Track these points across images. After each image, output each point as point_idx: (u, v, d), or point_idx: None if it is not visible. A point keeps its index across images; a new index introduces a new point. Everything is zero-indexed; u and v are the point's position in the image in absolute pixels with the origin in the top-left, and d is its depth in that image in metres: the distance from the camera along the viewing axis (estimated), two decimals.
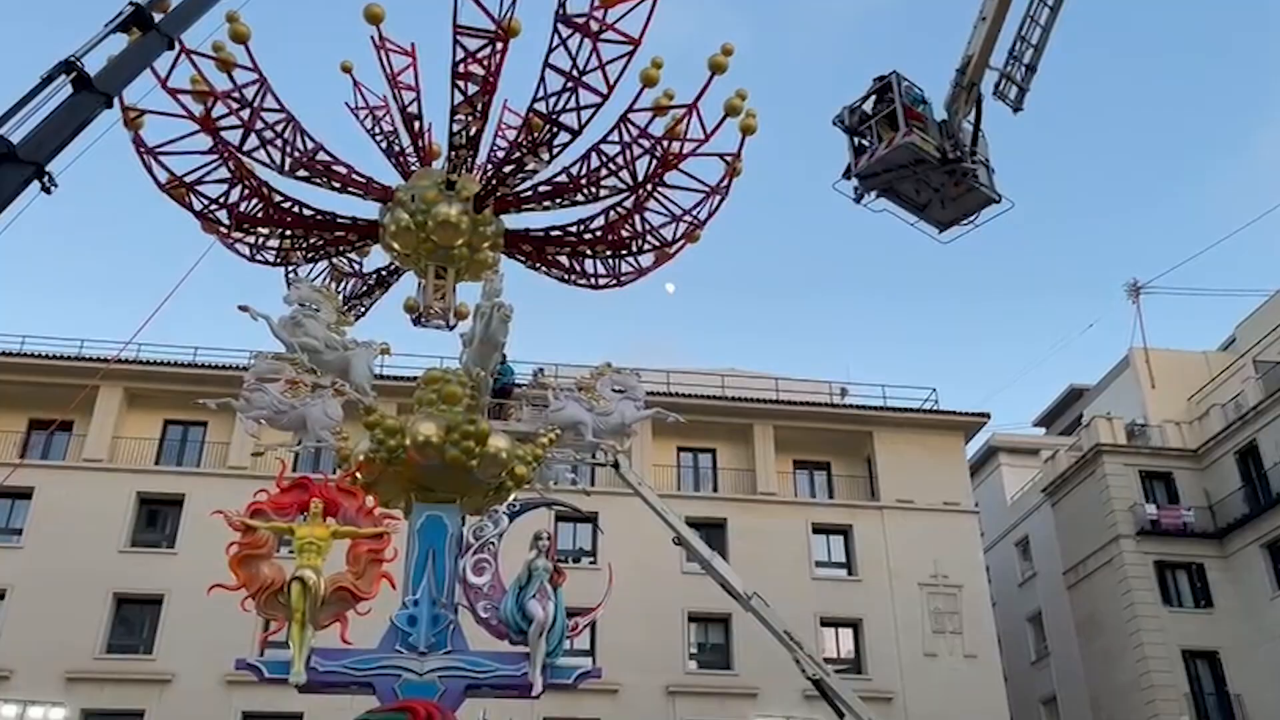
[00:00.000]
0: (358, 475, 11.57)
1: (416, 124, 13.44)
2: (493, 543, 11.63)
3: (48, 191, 10.69)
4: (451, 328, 13.35)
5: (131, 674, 28.77)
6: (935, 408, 36.51)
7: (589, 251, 13.86)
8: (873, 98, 19.26)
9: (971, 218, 19.69)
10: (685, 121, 12.68)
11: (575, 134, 12.43)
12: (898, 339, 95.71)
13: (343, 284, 14.41)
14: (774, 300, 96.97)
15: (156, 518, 31.68)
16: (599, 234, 13.68)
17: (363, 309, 14.46)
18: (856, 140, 19.21)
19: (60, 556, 29.14)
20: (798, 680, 22.23)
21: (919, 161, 18.47)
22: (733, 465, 35.12)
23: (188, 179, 13.19)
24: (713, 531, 30.92)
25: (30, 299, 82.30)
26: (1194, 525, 35.45)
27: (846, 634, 32.96)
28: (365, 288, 14.59)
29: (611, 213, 13.58)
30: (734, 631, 30.94)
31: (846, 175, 19.40)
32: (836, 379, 39.39)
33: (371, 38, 13.11)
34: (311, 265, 14.38)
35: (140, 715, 28.27)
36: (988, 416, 36.78)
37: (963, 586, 33.28)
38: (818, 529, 34.16)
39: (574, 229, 13.72)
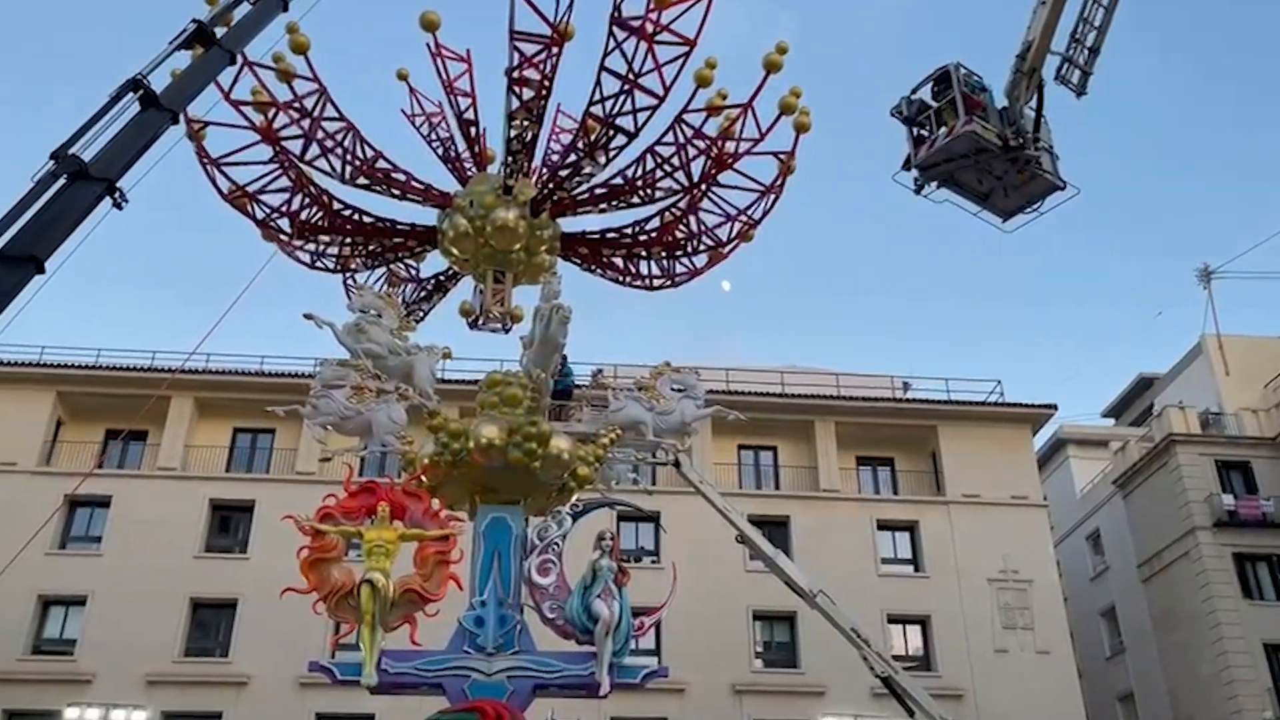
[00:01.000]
0: (423, 478, 11.71)
1: (472, 129, 13.58)
2: (557, 543, 11.70)
3: (119, 207, 10.99)
4: (508, 331, 13.47)
5: (209, 677, 29.40)
6: (1001, 400, 35.92)
7: (644, 253, 13.90)
8: (932, 87, 19.01)
9: (1035, 205, 19.34)
10: (740, 121, 12.64)
11: (632, 136, 12.46)
12: (961, 331, 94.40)
13: (400, 289, 14.60)
14: (833, 296, 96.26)
15: (228, 523, 32.35)
16: (654, 235, 13.70)
17: (421, 314, 14.63)
18: (916, 130, 18.97)
19: (138, 563, 29.90)
20: (866, 678, 22.02)
21: (980, 150, 18.18)
22: (794, 462, 34.88)
23: (250, 188, 13.45)
24: (775, 529, 30.73)
25: (104, 312, 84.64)
26: (1274, 515, 34.43)
27: (914, 631, 32.56)
28: (424, 293, 14.76)
29: (666, 214, 13.60)
30: (800, 629, 30.73)
31: (906, 166, 19.16)
32: (899, 373, 38.94)
33: (427, 45, 13.27)
34: (370, 271, 14.59)
35: (218, 717, 28.88)
36: (1055, 408, 36.09)
37: (1033, 581, 32.69)
38: (883, 525, 33.78)
39: (629, 230, 13.76)
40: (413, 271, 14.85)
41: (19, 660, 28.88)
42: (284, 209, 13.62)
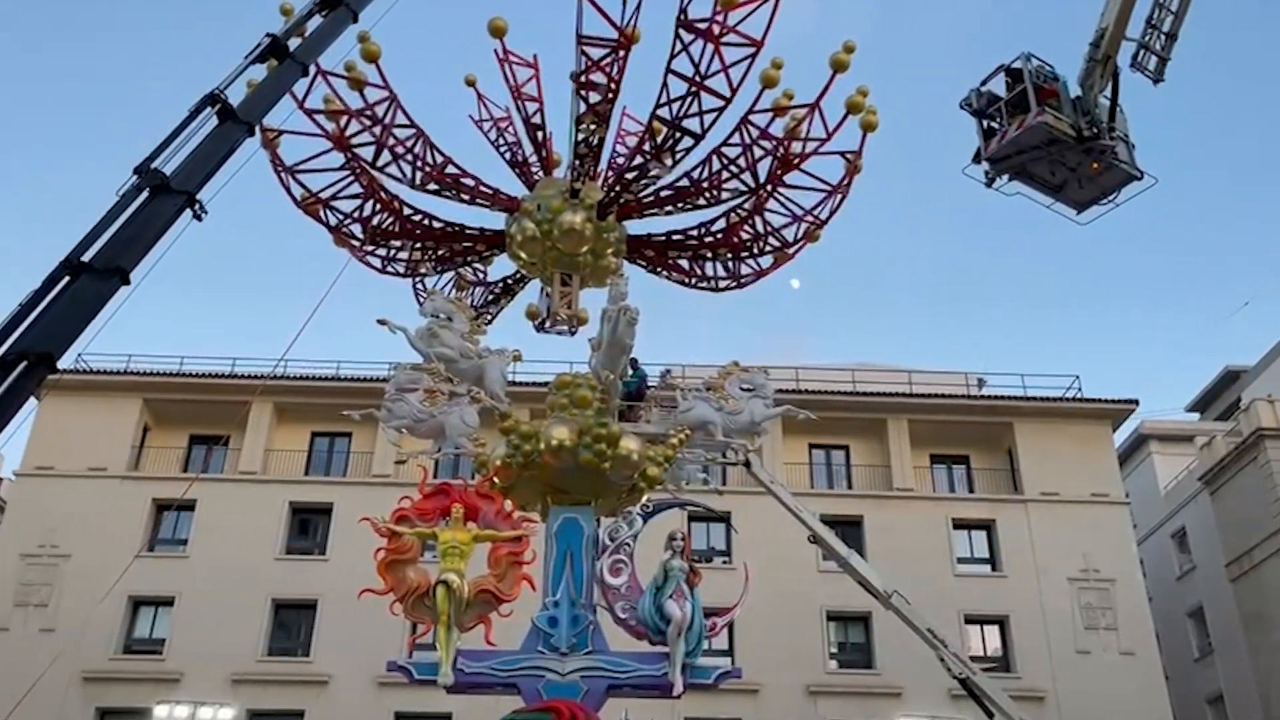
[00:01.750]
0: (495, 480, 11.84)
1: (539, 134, 13.70)
2: (628, 544, 11.73)
3: (199, 218, 11.34)
4: (574, 333, 13.57)
5: (291, 676, 30.06)
6: (1079, 396, 35.13)
7: (709, 254, 13.89)
8: (1002, 78, 18.66)
9: (1111, 196, 18.85)
10: (807, 121, 12.58)
11: (698, 138, 12.47)
12: (1037, 327, 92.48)
13: (468, 293, 14.78)
14: (905, 293, 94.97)
15: (308, 526, 33.04)
16: (719, 236, 13.69)
17: (490, 317, 14.80)
18: (986, 123, 18.64)
19: (222, 564, 30.69)
20: (943, 679, 21.67)
21: (1053, 141, 17.78)
22: (867, 461, 34.52)
23: (323, 195, 13.74)
24: (848, 529, 30.45)
25: (187, 321, 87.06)
26: None
27: (993, 631, 32.00)
28: (492, 296, 14.93)
29: (732, 215, 13.58)
30: (875, 630, 30.41)
31: (976, 159, 18.83)
32: (973, 370, 38.30)
33: (495, 51, 13.43)
34: (439, 275, 14.80)
35: (301, 715, 29.51)
36: (1136, 403, 35.18)
37: (1115, 581, 31.92)
38: (958, 524, 33.27)
39: (695, 232, 13.77)
40: (480, 275, 15.04)
41: (111, 659, 29.84)
42: (356, 215, 13.89)
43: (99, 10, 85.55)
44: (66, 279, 10.23)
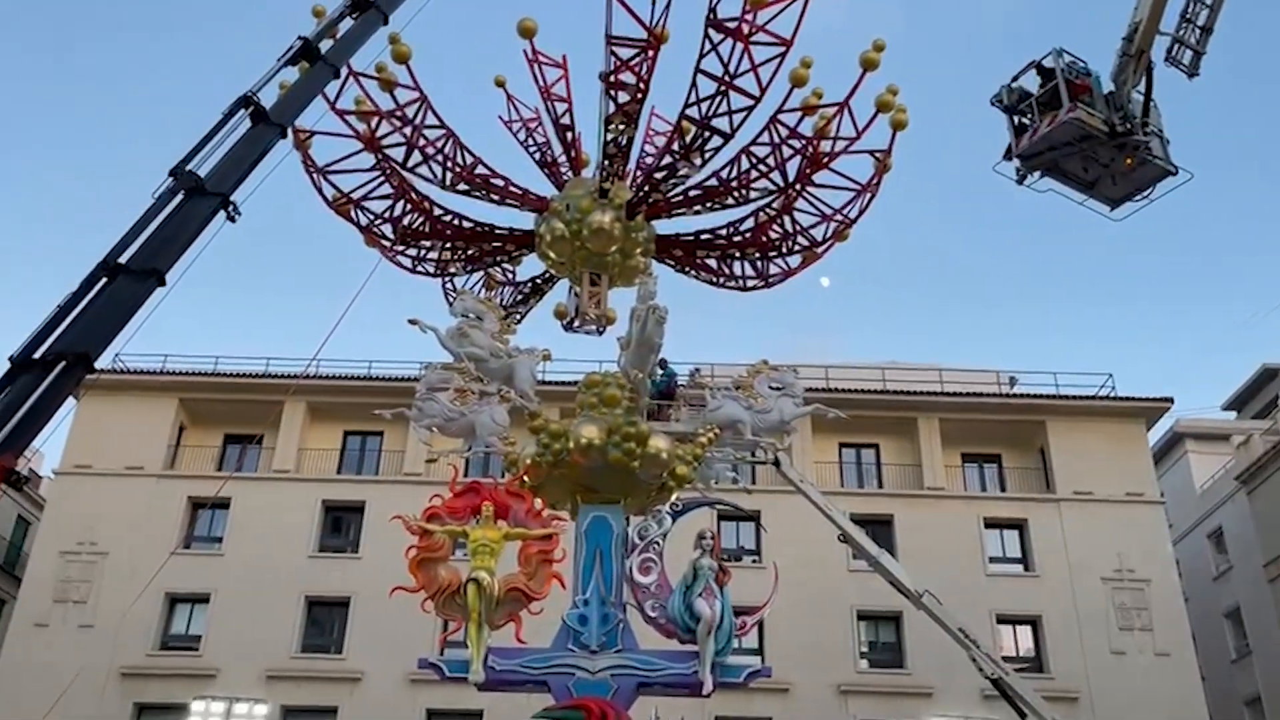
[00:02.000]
0: (525, 478, 11.90)
1: (569, 134, 13.76)
2: (657, 542, 11.77)
3: (232, 220, 11.49)
4: (602, 333, 13.61)
5: (324, 672, 30.34)
6: (1112, 394, 34.77)
7: (737, 254, 13.88)
8: (1034, 74, 18.50)
9: (1145, 192, 18.64)
10: (836, 120, 12.55)
11: (728, 138, 12.48)
12: (1069, 324, 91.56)
13: (497, 293, 14.86)
14: (935, 290, 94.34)
15: (340, 524, 33.34)
16: (748, 236, 13.68)
17: (519, 317, 14.87)
18: (1017, 119, 18.49)
19: (256, 562, 31.03)
20: (975, 679, 21.55)
21: (1085, 137, 17.61)
22: (897, 460, 34.36)
23: (354, 195, 13.86)
24: (879, 528, 30.30)
25: (221, 321, 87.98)
26: None
27: (1025, 631, 31.76)
28: (520, 296, 15.00)
29: (760, 214, 13.56)
30: (905, 629, 30.27)
31: (1007, 156, 18.68)
32: (1004, 368, 37.99)
33: (524, 52, 13.50)
34: (468, 275, 14.89)
35: (334, 712, 29.79)
36: (1170, 401, 34.78)
37: (1150, 581, 31.58)
38: (990, 524, 33.04)
39: (723, 232, 13.76)
40: (509, 275, 15.11)
41: (148, 655, 30.25)
42: (386, 215, 14.00)
43: (126, 11, 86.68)
44: (104, 280, 10.40)
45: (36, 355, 9.73)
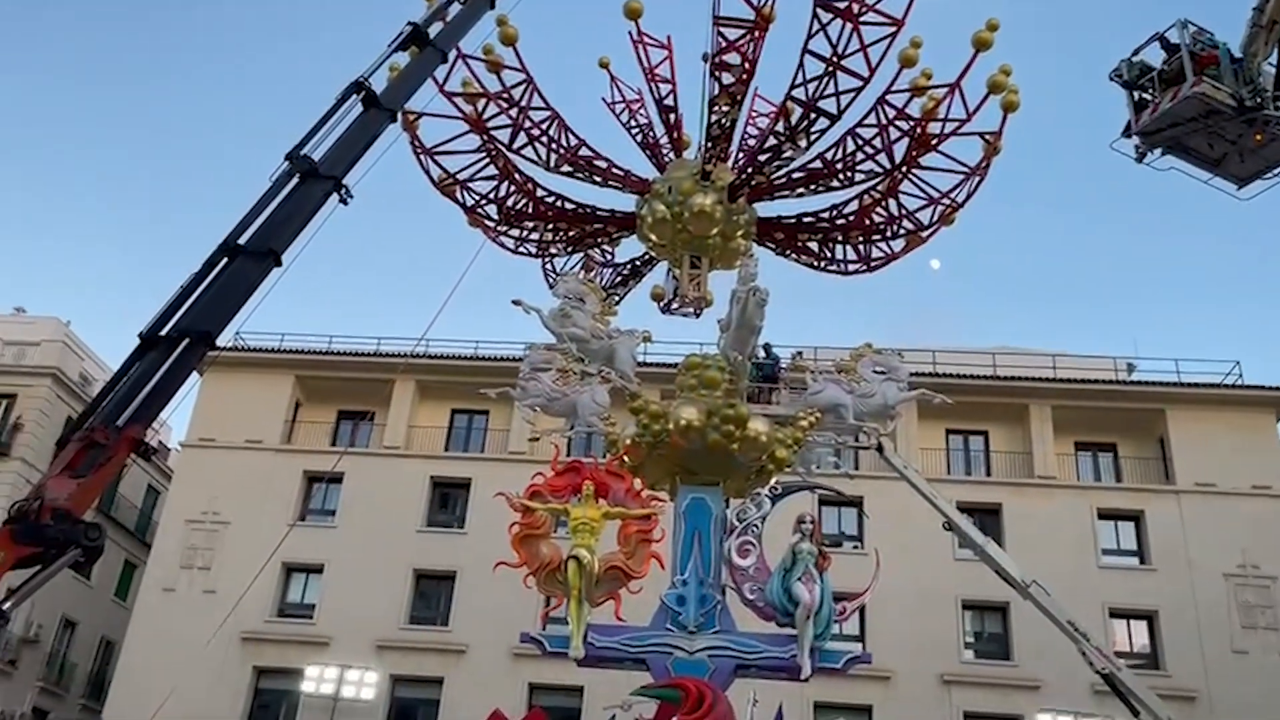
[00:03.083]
0: (625, 459, 11.99)
1: (672, 116, 13.74)
2: (756, 525, 11.72)
3: (345, 202, 11.85)
4: (699, 316, 13.59)
5: (431, 644, 31.21)
6: (1239, 383, 33.27)
7: (840, 237, 13.67)
8: (1157, 47, 17.76)
9: (1276, 170, 17.77)
10: (946, 101, 12.25)
11: (834, 119, 12.30)
12: (1193, 309, 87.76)
13: (596, 274, 14.95)
14: (1050, 273, 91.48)
15: (448, 500, 34.17)
16: (851, 219, 13.46)
17: (618, 298, 14.94)
18: (1137, 94, 17.77)
19: (367, 536, 32.05)
20: (1085, 674, 21.03)
21: (1211, 113, 16.83)
22: (1007, 448, 33.53)
23: (459, 176, 14.11)
24: (986, 517, 29.69)
25: (336, 301, 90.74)
26: None
27: (1140, 626, 30.74)
28: (619, 278, 15.06)
29: (864, 197, 13.34)
30: (1012, 621, 29.62)
31: (1127, 133, 17.98)
32: (1122, 354, 36.70)
33: (629, 33, 13.53)
34: (568, 257, 15.03)
35: (439, 682, 30.63)
36: None
37: (1277, 579, 30.26)
38: (1104, 515, 32.05)
39: (826, 215, 13.58)
40: (608, 256, 15.18)
41: (266, 621, 31.56)
42: (491, 196, 14.21)
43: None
44: (224, 261, 10.84)
45: (163, 333, 10.20)
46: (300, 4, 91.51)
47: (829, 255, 14.00)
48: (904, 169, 12.83)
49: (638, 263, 14.93)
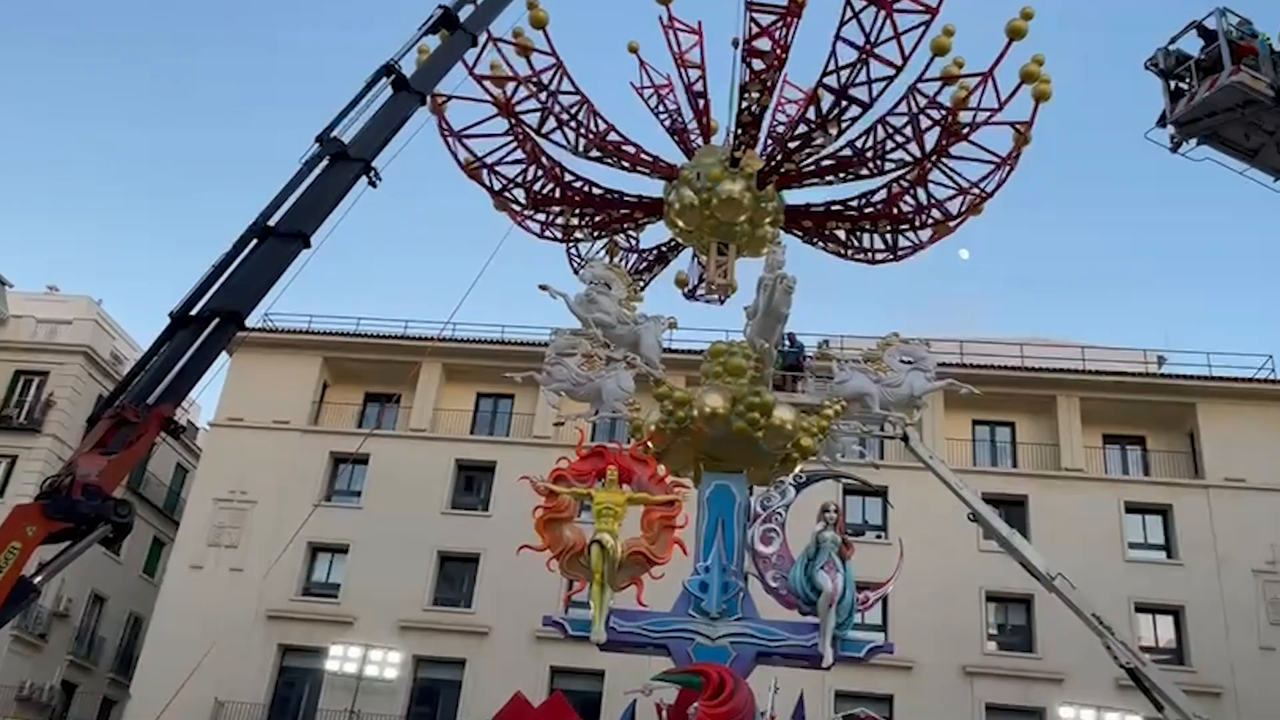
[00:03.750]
0: (649, 444, 12.01)
1: (701, 101, 13.70)
2: (780, 513, 11.72)
3: (374, 185, 11.87)
4: (723, 302, 13.57)
5: (454, 625, 31.36)
6: (1272, 377, 32.84)
7: (868, 226, 13.63)
8: (1195, 35, 17.47)
9: None
10: (979, 91, 12.16)
11: (866, 107, 12.24)
12: (1226, 302, 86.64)
13: (621, 259, 14.94)
14: (1079, 263, 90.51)
15: (472, 483, 34.27)
16: (879, 208, 13.41)
17: (642, 284, 14.93)
18: (1173, 84, 17.50)
19: (392, 516, 32.22)
20: (1109, 668, 20.82)
21: (1249, 103, 16.55)
22: (1034, 439, 33.24)
23: (487, 160, 14.13)
24: (1012, 509, 29.47)
25: (363, 283, 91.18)
26: None
27: (1166, 621, 30.44)
28: (644, 263, 15.06)
29: (893, 186, 13.27)
30: (1036, 613, 29.41)
31: (1161, 123, 17.71)
32: (1152, 346, 36.28)
33: (660, 18, 13.48)
34: (593, 242, 15.02)
35: (462, 663, 30.80)
36: None
37: None
38: (1131, 508, 31.71)
39: (854, 203, 13.52)
40: (633, 242, 15.18)
41: (291, 600, 31.83)
42: (518, 180, 14.23)
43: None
44: (254, 242, 10.90)
45: (193, 313, 10.28)
46: None
47: (856, 244, 13.97)
48: (934, 158, 12.77)
49: (663, 248, 14.92)
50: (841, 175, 13.12)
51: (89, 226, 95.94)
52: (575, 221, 14.67)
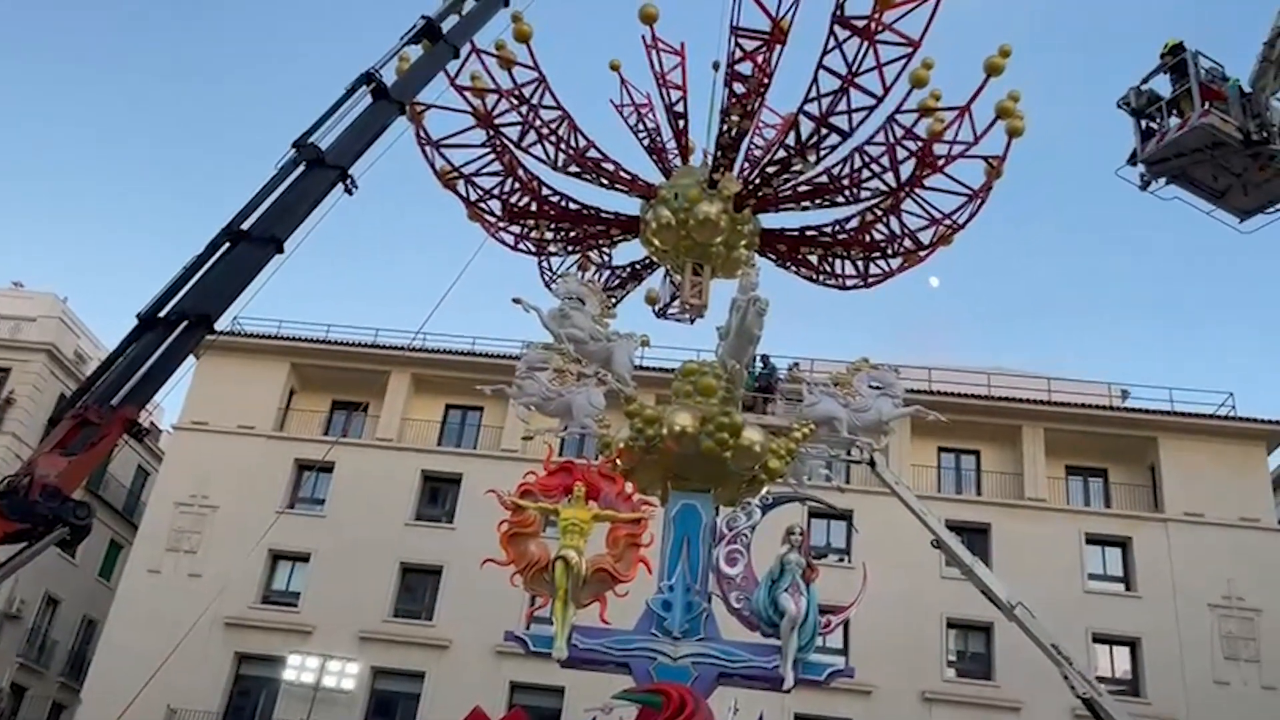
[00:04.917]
0: (618, 461, 12.00)
1: (680, 121, 13.77)
2: (745, 534, 11.73)
3: (350, 192, 11.83)
4: (693, 322, 13.63)
5: (414, 637, 31.12)
6: (1232, 414, 33.35)
7: (841, 252, 13.74)
8: (1166, 75, 17.78)
9: (1278, 206, 17.79)
10: (956, 123, 12.32)
11: (846, 135, 12.35)
12: (1188, 339, 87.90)
13: (593, 274, 14.94)
14: (1046, 297, 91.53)
15: (437, 494, 34.08)
16: (853, 235, 13.53)
17: (614, 300, 14.95)
18: (1144, 123, 17.79)
19: (355, 526, 31.96)
20: (1066, 697, 21.00)
21: (1217, 144, 16.84)
22: (998, 468, 33.56)
23: (463, 170, 14.11)
24: (975, 536, 29.74)
25: (334, 290, 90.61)
26: None
27: (1122, 653, 30.76)
28: (617, 280, 15.08)
29: (866, 214, 13.40)
30: (996, 641, 29.62)
31: (1132, 161, 17.99)
32: (1116, 380, 36.76)
33: (643, 37, 13.55)
34: (566, 256, 15.03)
35: (421, 676, 30.55)
36: None
37: (1261, 611, 30.25)
38: (1092, 539, 32.07)
39: (828, 229, 13.63)
40: (605, 258, 15.19)
41: (250, 607, 31.46)
42: (494, 192, 14.22)
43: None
44: (226, 245, 10.81)
45: (161, 314, 10.18)
46: None
47: (828, 269, 14.07)
48: (908, 188, 12.89)
49: (636, 266, 14.95)
50: (818, 201, 13.22)
51: (56, 223, 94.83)
52: (550, 235, 14.66)
